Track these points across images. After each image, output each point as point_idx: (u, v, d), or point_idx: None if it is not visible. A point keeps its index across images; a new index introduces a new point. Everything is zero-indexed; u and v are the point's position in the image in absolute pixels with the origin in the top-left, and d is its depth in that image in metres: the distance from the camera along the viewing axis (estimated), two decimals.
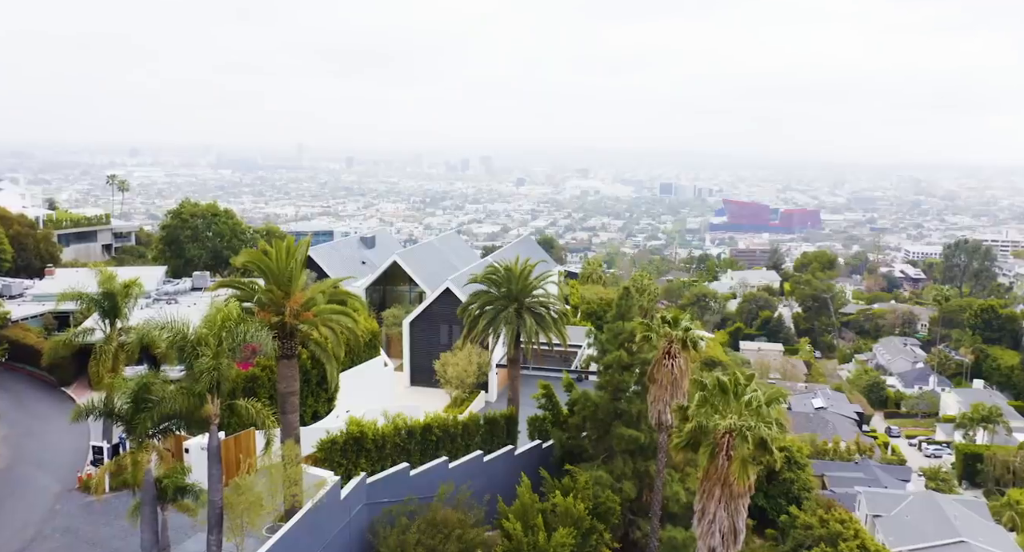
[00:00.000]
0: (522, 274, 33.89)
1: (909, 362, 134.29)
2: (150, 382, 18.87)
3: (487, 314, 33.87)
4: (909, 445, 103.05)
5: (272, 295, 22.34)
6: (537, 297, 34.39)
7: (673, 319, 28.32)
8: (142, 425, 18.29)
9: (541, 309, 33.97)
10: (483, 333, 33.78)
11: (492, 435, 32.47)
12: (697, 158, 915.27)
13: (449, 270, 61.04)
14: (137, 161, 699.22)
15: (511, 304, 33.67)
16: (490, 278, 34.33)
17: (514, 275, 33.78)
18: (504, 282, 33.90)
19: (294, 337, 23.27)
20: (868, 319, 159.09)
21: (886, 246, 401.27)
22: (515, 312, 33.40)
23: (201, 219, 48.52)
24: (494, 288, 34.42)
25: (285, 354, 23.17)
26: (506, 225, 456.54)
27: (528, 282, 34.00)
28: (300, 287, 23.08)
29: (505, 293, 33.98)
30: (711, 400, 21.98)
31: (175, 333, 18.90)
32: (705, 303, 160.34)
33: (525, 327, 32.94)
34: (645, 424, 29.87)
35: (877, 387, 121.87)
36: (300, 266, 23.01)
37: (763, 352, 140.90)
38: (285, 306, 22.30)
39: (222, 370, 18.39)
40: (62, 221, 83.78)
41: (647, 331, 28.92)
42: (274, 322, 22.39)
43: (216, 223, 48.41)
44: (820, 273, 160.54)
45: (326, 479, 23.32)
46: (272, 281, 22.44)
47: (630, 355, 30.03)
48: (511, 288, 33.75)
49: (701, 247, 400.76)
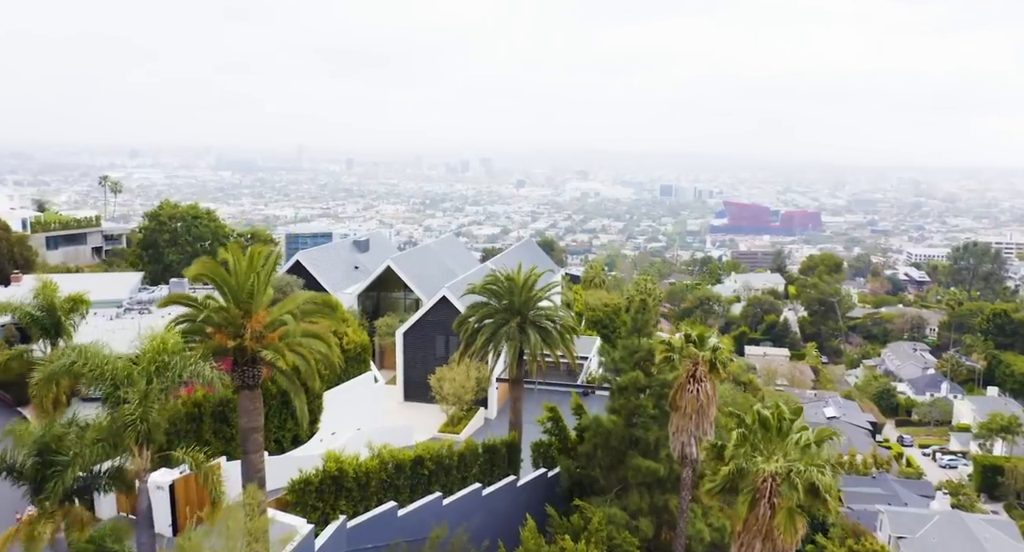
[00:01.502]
0: (525, 284, 30.38)
1: (919, 368, 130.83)
2: (61, 434, 15.38)
3: (487, 329, 30.39)
4: (923, 455, 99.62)
5: (228, 315, 18.88)
6: (542, 309, 30.90)
7: (698, 337, 24.90)
8: (51, 492, 14.73)
9: (546, 323, 30.56)
10: (482, 349, 30.24)
11: (492, 465, 29.02)
12: (697, 160, 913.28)
13: (447, 275, 57.63)
14: (137, 162, 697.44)
15: (513, 317, 30.21)
16: (490, 288, 30.86)
17: (516, 285, 30.26)
18: (505, 293, 30.41)
19: (256, 364, 19.77)
20: (876, 323, 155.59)
21: (888, 248, 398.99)
22: (518, 326, 29.90)
23: (180, 221, 45.14)
24: (494, 299, 30.92)
25: (246, 384, 19.73)
26: (506, 227, 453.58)
27: (532, 294, 30.47)
28: (266, 303, 19.61)
29: (506, 305, 30.49)
30: (751, 438, 18.59)
31: (95, 367, 15.42)
32: (709, 307, 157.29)
33: (529, 343, 29.44)
34: (664, 453, 26.50)
35: (887, 394, 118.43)
36: (266, 278, 19.54)
37: (769, 357, 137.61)
38: (245, 327, 18.85)
39: (152, 420, 14.95)
40: (50, 223, 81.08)
41: (668, 351, 25.49)
42: (231, 347, 18.93)
43: (196, 226, 44.97)
44: (827, 276, 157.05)
45: (296, 529, 19.89)
46: (230, 297, 19.00)
47: (647, 376, 26.61)
48: (513, 300, 30.26)
49: (702, 249, 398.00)
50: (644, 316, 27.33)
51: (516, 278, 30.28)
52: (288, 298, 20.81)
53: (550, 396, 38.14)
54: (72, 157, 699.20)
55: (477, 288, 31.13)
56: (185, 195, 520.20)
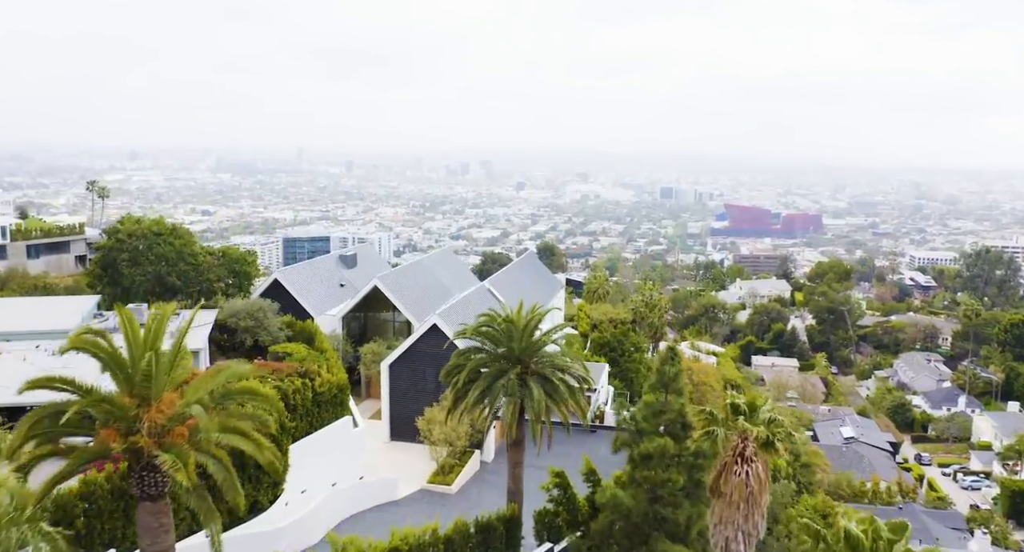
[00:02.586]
0: (527, 327, 25.55)
1: (934, 380, 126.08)
2: None
3: (480, 381, 25.51)
4: (943, 475, 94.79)
5: (114, 407, 14.08)
6: (547, 357, 26.08)
7: (748, 405, 20.10)
8: None
9: (553, 374, 25.69)
10: (475, 406, 25.32)
11: (487, 547, 24.25)
12: (697, 162, 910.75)
13: (440, 295, 52.88)
14: (136, 165, 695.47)
15: (512, 367, 25.28)
16: (485, 333, 26.03)
17: (516, 328, 25.46)
18: (503, 338, 25.61)
19: (157, 470, 14.95)
20: (886, 332, 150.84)
21: (890, 251, 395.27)
22: (518, 378, 25.06)
23: (142, 239, 40.37)
24: (490, 344, 26.13)
25: (146, 494, 15.00)
26: (506, 230, 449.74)
27: (535, 339, 25.59)
28: (174, 385, 14.86)
29: (505, 352, 25.71)
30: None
31: None
32: (714, 314, 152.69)
33: (531, 399, 24.54)
34: (697, 529, 21.74)
35: (902, 409, 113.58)
36: (173, 355, 14.75)
37: (777, 368, 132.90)
38: (140, 421, 14.14)
39: None
40: (32, 231, 76.89)
41: (709, 423, 20.70)
42: (120, 449, 14.20)
43: (159, 243, 40.20)
44: (836, 284, 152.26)
45: None
46: (121, 379, 14.32)
47: (677, 443, 21.83)
48: (512, 346, 25.49)
49: (703, 252, 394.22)
50: (673, 367, 22.54)
51: (516, 319, 25.43)
52: (204, 376, 15.93)
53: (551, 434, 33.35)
54: (71, 159, 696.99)
55: (469, 331, 26.28)
56: (184, 197, 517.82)
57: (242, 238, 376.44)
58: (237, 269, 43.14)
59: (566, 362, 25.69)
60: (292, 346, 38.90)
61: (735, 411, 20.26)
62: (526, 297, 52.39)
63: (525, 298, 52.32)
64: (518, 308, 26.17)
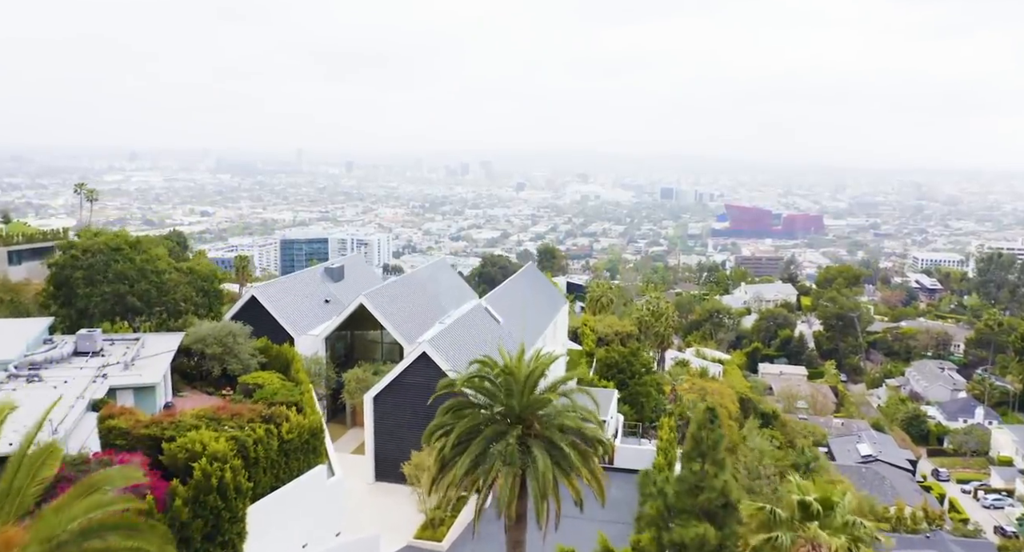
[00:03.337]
0: (530, 378, 21.03)
1: (948, 389, 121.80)
2: None
3: (473, 446, 20.78)
4: (963, 492, 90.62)
5: None
6: (556, 413, 21.55)
7: (822, 503, 15.73)
8: None
9: (564, 438, 20.94)
10: (464, 480, 20.75)
11: None
12: (697, 162, 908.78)
13: (434, 312, 48.66)
14: (136, 165, 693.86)
15: (512, 429, 20.67)
16: (478, 386, 21.54)
17: (517, 380, 20.96)
18: (501, 393, 21.18)
19: None
20: (897, 339, 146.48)
21: (892, 252, 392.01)
22: (518, 442, 20.51)
23: (100, 255, 36.10)
24: (483, 397, 21.72)
25: None
26: (506, 230, 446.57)
27: (537, 396, 20.95)
28: (20, 513, 10.48)
29: (502, 410, 21.31)
30: None
31: None
32: (719, 320, 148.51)
33: (535, 470, 19.91)
34: None
35: (917, 420, 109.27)
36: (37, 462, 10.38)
37: (786, 376, 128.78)
38: None
39: None
40: (13, 236, 73.12)
41: (769, 526, 16.24)
42: None
43: (118, 260, 35.89)
44: (845, 290, 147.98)
45: None
46: None
47: (719, 530, 17.52)
48: (512, 403, 21.09)
49: (704, 253, 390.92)
50: (713, 433, 18.28)
51: (516, 369, 20.84)
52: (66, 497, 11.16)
53: None
54: (71, 160, 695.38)
55: (460, 382, 21.77)
56: (183, 198, 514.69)
57: (240, 239, 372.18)
58: (206, 287, 38.94)
59: (578, 421, 21.13)
60: (264, 376, 34.71)
61: (804, 511, 15.99)
62: (527, 315, 48.32)
63: (526, 316, 48.28)
64: (518, 354, 21.68)
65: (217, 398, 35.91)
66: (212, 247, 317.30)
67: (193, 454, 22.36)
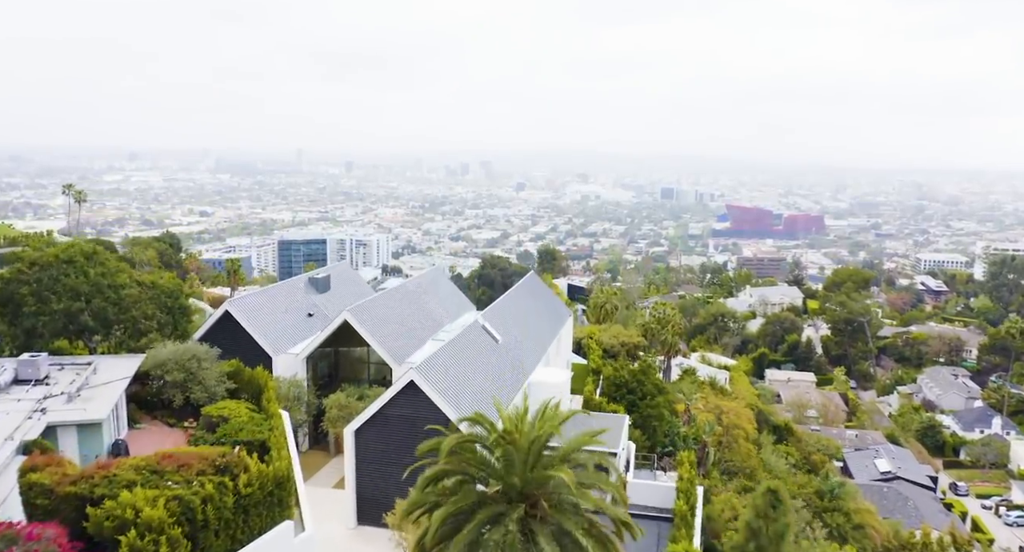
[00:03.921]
0: (535, 445, 16.28)
1: (962, 397, 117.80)
2: None
3: (462, 536, 16.17)
4: (983, 508, 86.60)
5: None
6: (566, 488, 16.66)
7: None
8: None
9: (577, 523, 16.50)
10: None
11: None
12: (697, 162, 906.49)
13: (427, 327, 44.62)
14: (136, 165, 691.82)
15: (512, 509, 16.38)
16: (470, 459, 16.76)
17: (518, 449, 16.27)
18: (500, 467, 16.58)
19: None
20: (908, 344, 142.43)
21: (894, 253, 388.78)
22: (520, 526, 16.11)
23: (49, 268, 32.04)
24: (476, 469, 17.27)
25: None
26: (506, 231, 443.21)
27: (543, 472, 16.07)
28: None
29: (502, 487, 16.77)
30: None
31: None
32: (724, 324, 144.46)
33: None
34: None
35: (932, 431, 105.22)
36: None
37: (794, 383, 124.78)
38: None
39: None
40: None
41: None
42: None
43: (69, 273, 31.82)
44: (855, 294, 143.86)
45: None
46: None
47: None
48: (513, 480, 16.56)
49: (705, 253, 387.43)
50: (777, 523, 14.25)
51: (517, 434, 16.30)
52: None
53: None
54: (70, 160, 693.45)
55: (445, 453, 17.00)
56: (183, 198, 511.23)
57: (238, 240, 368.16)
58: (170, 304, 34.89)
59: (594, 498, 16.69)
60: (232, 406, 30.62)
61: None
62: (528, 331, 44.26)
63: (527, 333, 44.20)
64: (521, 414, 17.35)
65: (179, 430, 31.87)
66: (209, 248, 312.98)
67: (123, 522, 18.33)
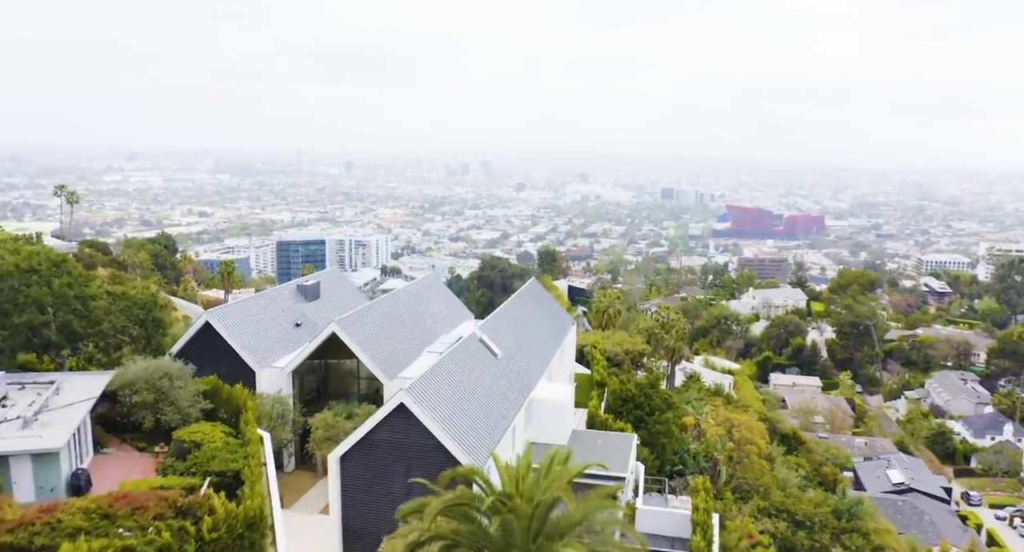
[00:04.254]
0: (539, 510, 13.55)
1: (971, 403, 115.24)
2: None
3: None
4: (997, 519, 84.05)
5: None
6: None
7: None
8: None
9: None
10: None
11: None
12: (697, 162, 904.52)
13: (422, 338, 42.08)
14: (135, 165, 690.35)
15: None
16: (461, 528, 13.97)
17: (519, 517, 13.57)
18: (500, 535, 14.00)
19: None
20: (914, 348, 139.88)
21: (895, 253, 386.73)
22: None
23: (10, 279, 29.56)
24: (468, 538, 14.61)
25: None
26: (506, 231, 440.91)
27: (550, 546, 13.30)
28: None
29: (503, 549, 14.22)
30: None
31: None
32: (727, 327, 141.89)
33: None
34: None
35: (942, 437, 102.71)
36: None
37: (799, 388, 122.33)
38: None
39: None
40: None
41: None
42: None
43: (31, 283, 29.37)
44: (861, 296, 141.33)
45: None
46: None
47: None
48: (516, 544, 14.08)
49: (705, 254, 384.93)
50: None
51: (518, 494, 13.62)
52: None
53: None
54: (70, 160, 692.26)
55: (430, 520, 14.25)
56: (182, 198, 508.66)
57: (237, 240, 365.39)
58: (142, 316, 32.41)
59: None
60: (206, 429, 28.16)
61: None
62: (530, 344, 41.64)
63: (529, 345, 41.58)
64: (523, 469, 14.57)
65: (149, 456, 29.35)
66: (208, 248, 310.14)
67: None
